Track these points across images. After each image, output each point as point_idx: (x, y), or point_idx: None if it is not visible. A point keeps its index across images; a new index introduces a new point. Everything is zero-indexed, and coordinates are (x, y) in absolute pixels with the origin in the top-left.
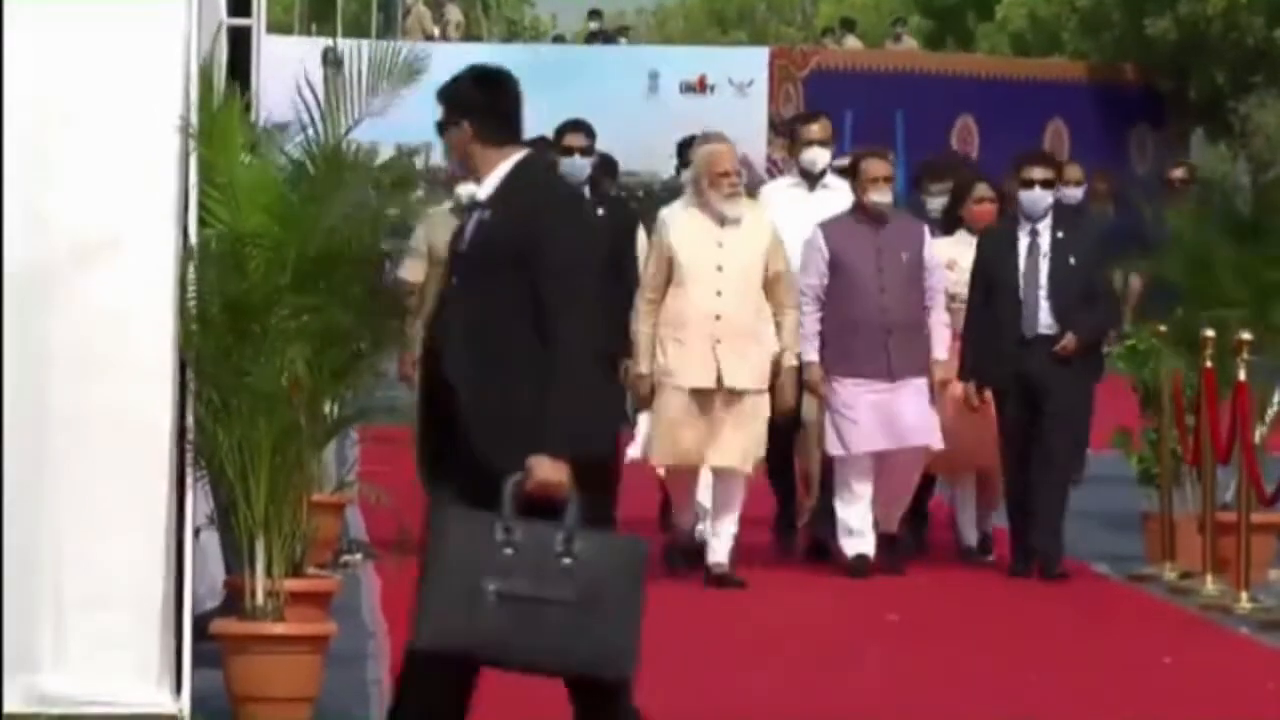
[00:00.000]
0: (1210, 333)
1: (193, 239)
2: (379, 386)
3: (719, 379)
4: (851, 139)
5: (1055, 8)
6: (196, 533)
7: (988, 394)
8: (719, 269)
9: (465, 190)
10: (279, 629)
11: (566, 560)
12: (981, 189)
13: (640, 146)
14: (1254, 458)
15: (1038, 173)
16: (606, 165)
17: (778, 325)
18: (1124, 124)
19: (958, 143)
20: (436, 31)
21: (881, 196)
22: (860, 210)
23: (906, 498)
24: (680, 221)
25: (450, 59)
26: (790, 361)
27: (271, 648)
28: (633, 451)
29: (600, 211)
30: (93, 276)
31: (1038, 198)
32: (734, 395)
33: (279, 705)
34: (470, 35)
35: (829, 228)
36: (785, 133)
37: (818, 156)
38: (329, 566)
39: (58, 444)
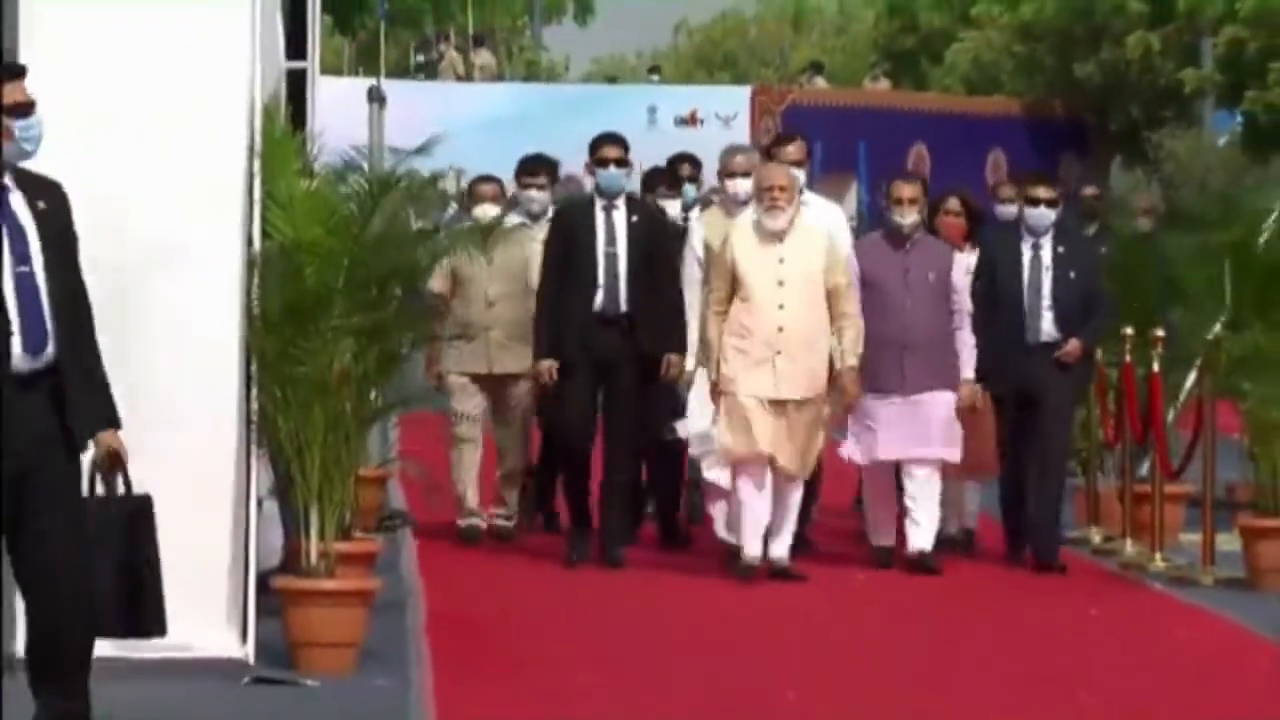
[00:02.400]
0: (1129, 330)
1: (256, 250)
2: (416, 377)
3: (777, 390)
4: (821, 165)
5: (996, 53)
6: (260, 503)
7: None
8: (780, 284)
9: (479, 212)
10: (330, 585)
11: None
12: (951, 203)
13: (640, 171)
14: (1164, 438)
15: (1042, 192)
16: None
17: (840, 333)
18: (1054, 152)
19: (912, 168)
20: (465, 72)
21: (906, 218)
22: (890, 230)
23: (934, 497)
24: (743, 237)
25: (480, 97)
26: (851, 362)
27: (323, 601)
28: (712, 476)
29: (634, 219)
30: (168, 280)
31: (1042, 214)
32: (793, 404)
33: (330, 650)
34: (496, 76)
35: (861, 247)
36: (764, 154)
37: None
38: (373, 531)
39: (143, 429)
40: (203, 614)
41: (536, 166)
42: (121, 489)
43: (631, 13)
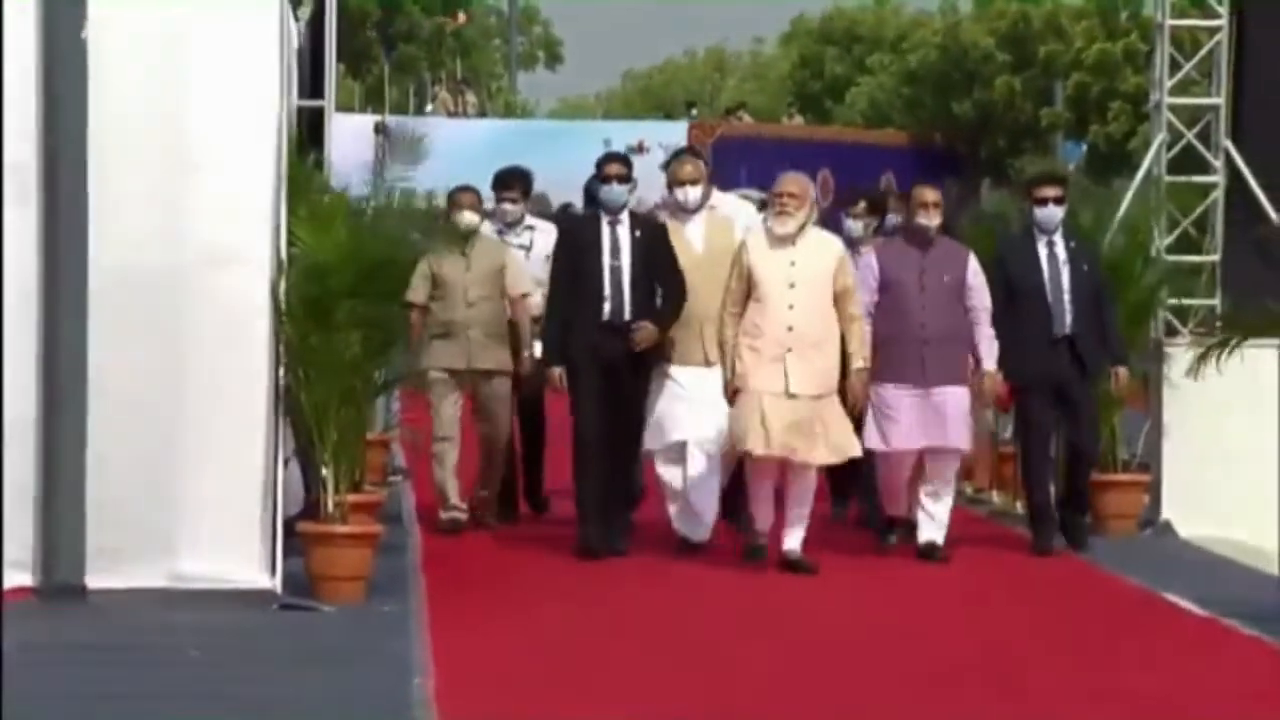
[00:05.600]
0: None
1: (283, 256)
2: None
3: (787, 387)
4: (746, 185)
5: (887, 95)
6: (285, 462)
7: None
8: (791, 285)
9: (461, 218)
10: (343, 529)
11: None
12: (860, 206)
13: None
14: None
15: (1050, 191)
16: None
17: (847, 335)
18: (935, 176)
19: (819, 188)
20: (455, 109)
21: (932, 220)
22: (909, 232)
23: (950, 493)
24: (759, 242)
25: (467, 131)
26: (858, 364)
27: (337, 542)
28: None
29: (637, 233)
30: (213, 279)
31: (1051, 213)
32: (802, 399)
33: (342, 582)
34: (480, 113)
35: (881, 249)
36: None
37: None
38: (378, 485)
39: (192, 400)
40: (239, 553)
41: (511, 180)
42: None
43: (590, 62)
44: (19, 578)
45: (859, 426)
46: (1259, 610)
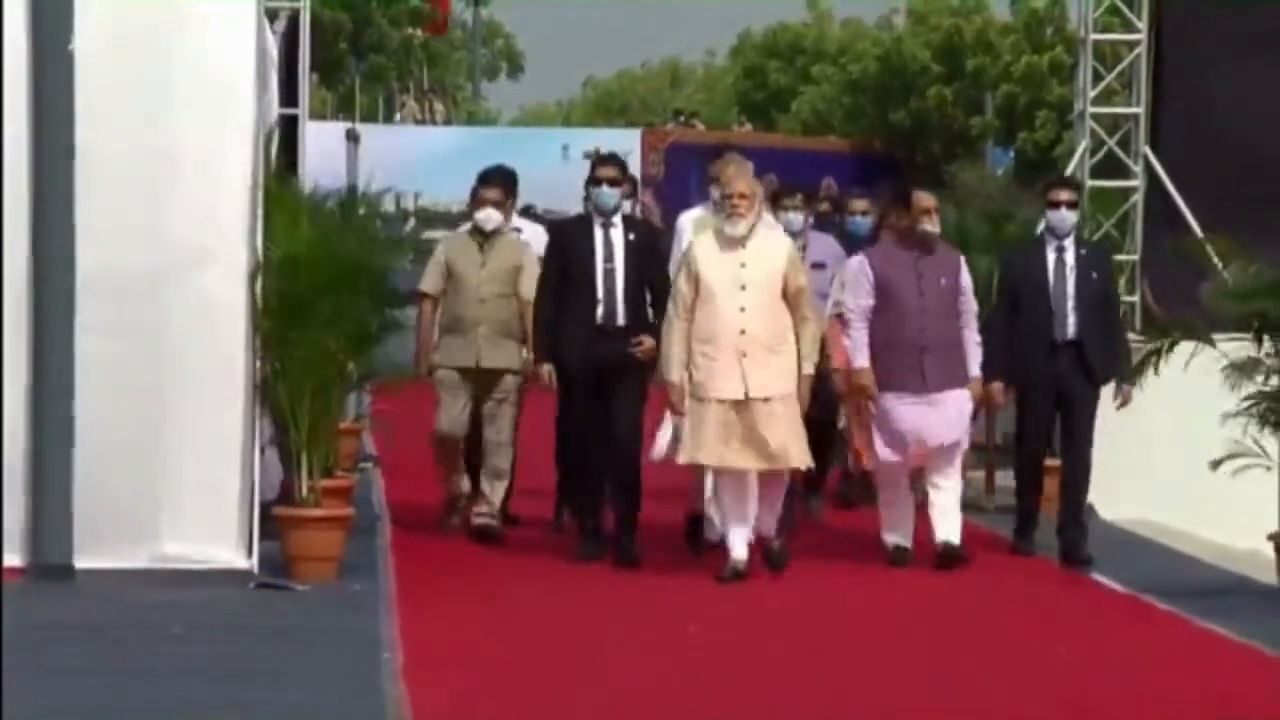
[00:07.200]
0: None
1: (260, 256)
2: (382, 352)
3: (746, 391)
4: (697, 191)
5: (829, 104)
6: (263, 450)
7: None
8: (742, 287)
9: (481, 217)
10: (316, 512)
11: None
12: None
13: (556, 194)
14: None
15: (1064, 195)
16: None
17: (797, 336)
18: (874, 180)
19: (764, 191)
20: (423, 117)
21: (933, 226)
22: (906, 237)
23: (955, 483)
24: (708, 244)
25: (433, 137)
26: (807, 370)
27: (311, 525)
28: (655, 454)
29: (631, 236)
30: (196, 276)
31: (1064, 217)
32: (762, 403)
33: (315, 563)
34: (446, 120)
35: (874, 254)
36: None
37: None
38: (350, 471)
39: (174, 392)
40: (218, 535)
41: (492, 178)
42: None
43: (550, 72)
44: (10, 558)
45: (810, 431)
46: (1174, 587)
